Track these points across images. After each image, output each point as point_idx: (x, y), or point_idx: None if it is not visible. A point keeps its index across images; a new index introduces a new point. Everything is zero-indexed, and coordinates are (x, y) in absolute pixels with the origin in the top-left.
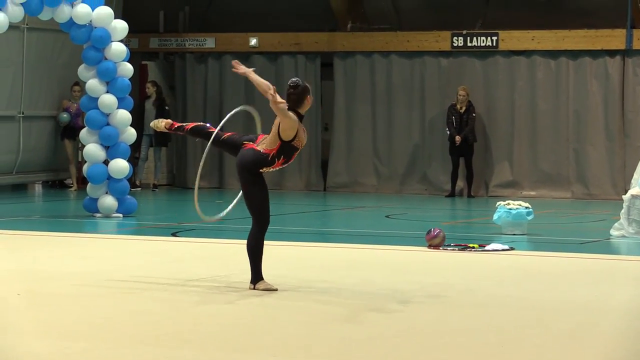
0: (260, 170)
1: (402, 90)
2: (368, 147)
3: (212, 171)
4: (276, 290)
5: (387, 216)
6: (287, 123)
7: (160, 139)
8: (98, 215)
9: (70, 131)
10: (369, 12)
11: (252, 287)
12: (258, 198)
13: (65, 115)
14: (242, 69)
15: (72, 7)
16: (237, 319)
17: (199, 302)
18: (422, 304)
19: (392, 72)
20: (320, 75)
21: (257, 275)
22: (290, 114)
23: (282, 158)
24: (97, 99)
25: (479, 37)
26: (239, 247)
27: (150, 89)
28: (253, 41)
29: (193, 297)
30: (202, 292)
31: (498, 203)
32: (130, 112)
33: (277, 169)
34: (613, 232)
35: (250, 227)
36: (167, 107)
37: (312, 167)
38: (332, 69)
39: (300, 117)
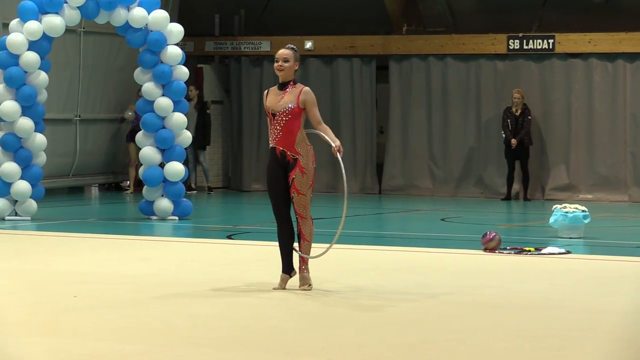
0: None
1: (458, 93)
2: (423, 150)
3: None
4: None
5: (442, 219)
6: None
7: (200, 141)
8: (154, 217)
9: (135, 134)
10: (425, 15)
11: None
12: None
13: (130, 113)
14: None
15: (128, 10)
16: (291, 322)
17: (253, 304)
18: (478, 308)
19: (447, 75)
20: (375, 79)
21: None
22: None
23: None
24: (153, 102)
25: (535, 40)
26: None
27: (193, 92)
28: (308, 44)
29: (247, 300)
30: (257, 295)
31: (554, 206)
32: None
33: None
34: None
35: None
36: (208, 111)
37: (367, 170)
38: (387, 72)
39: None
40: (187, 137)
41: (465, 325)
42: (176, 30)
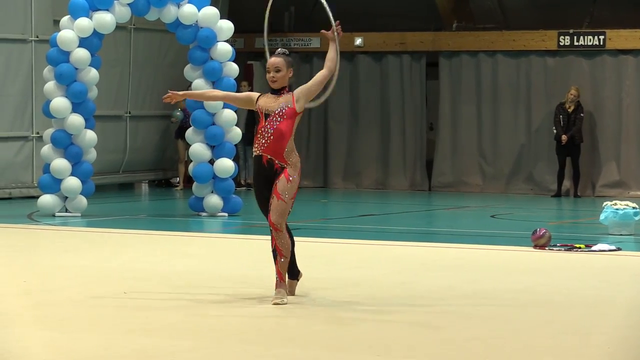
0: None
1: (508, 89)
2: (473, 147)
3: (316, 170)
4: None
5: (492, 216)
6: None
7: (250, 138)
8: (203, 214)
9: (183, 131)
10: (475, 11)
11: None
12: None
13: (178, 113)
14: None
15: (179, 7)
16: (340, 318)
17: (303, 301)
18: (526, 305)
19: (497, 71)
20: (425, 75)
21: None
22: None
23: None
24: None
25: (585, 36)
26: (343, 247)
27: (245, 89)
28: (358, 41)
29: (295, 298)
30: (306, 291)
31: (605, 203)
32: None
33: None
34: None
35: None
36: None
37: (416, 167)
38: (437, 69)
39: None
40: (237, 133)
41: (514, 322)
42: (226, 26)
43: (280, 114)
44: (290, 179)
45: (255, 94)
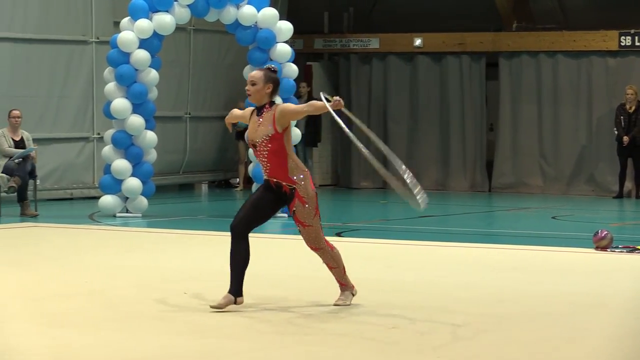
0: None
1: (569, 90)
2: (534, 148)
3: (376, 171)
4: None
5: (553, 217)
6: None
7: (310, 139)
8: None
9: (243, 132)
10: (535, 12)
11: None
12: None
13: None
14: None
15: (238, 8)
16: (400, 319)
17: (363, 303)
18: (589, 306)
19: (558, 71)
20: (485, 75)
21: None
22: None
23: None
24: None
25: None
26: (404, 248)
27: (304, 89)
28: (417, 41)
29: (355, 298)
30: (367, 293)
31: None
32: None
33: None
34: None
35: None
36: None
37: (477, 168)
38: (497, 69)
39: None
40: (297, 134)
41: (577, 323)
42: (285, 27)
43: (266, 142)
44: (305, 201)
45: (247, 113)
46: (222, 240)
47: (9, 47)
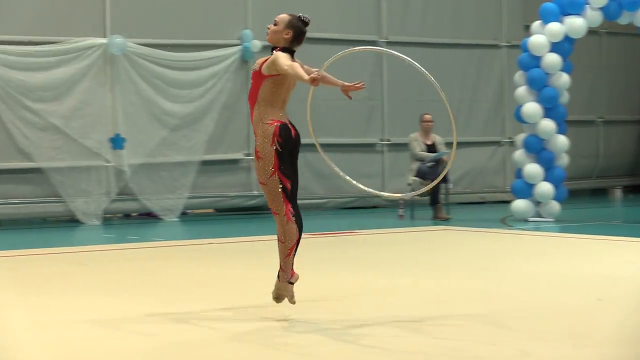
0: None
1: None
2: None
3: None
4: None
5: None
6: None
7: None
8: None
9: None
10: None
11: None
12: None
13: None
14: None
15: None
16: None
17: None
18: None
19: None
20: None
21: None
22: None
23: None
24: None
25: None
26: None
27: None
28: None
29: None
30: None
31: None
32: None
33: None
34: None
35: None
36: None
37: None
38: None
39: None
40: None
41: None
42: None
43: (252, 77)
44: (260, 154)
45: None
46: (637, 247)
47: (420, 52)
